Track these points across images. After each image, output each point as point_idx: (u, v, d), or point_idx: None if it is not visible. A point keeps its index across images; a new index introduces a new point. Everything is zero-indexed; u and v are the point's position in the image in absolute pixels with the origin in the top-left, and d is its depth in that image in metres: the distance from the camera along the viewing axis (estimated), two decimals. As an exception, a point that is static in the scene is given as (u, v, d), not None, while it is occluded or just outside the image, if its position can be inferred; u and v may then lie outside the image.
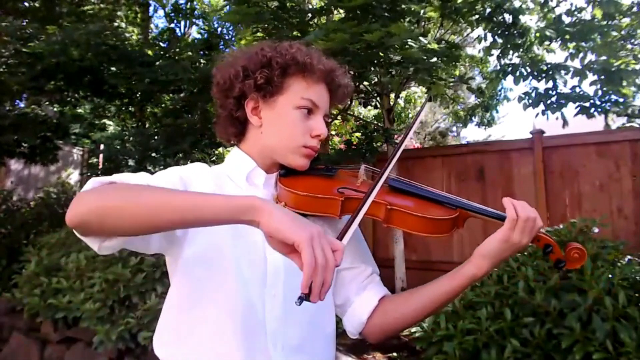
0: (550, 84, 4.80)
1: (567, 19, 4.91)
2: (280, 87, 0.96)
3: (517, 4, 4.63)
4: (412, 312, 0.99)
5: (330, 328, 1.00)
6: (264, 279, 0.91)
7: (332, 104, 1.04)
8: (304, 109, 0.97)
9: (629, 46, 4.93)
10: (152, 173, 0.93)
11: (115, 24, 7.22)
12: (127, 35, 7.11)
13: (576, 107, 4.70)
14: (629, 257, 2.25)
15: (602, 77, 4.58)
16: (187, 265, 0.91)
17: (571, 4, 5.00)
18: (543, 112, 4.84)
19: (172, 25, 7.80)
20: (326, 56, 1.02)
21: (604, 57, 4.67)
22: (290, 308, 0.91)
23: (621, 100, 4.63)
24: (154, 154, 5.80)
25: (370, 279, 1.06)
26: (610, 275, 2.00)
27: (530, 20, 4.77)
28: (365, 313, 1.02)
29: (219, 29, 7.47)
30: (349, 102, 5.95)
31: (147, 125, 7.09)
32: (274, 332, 0.89)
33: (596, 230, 2.44)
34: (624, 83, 4.55)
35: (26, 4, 6.67)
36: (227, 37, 7.04)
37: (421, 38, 4.05)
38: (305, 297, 0.69)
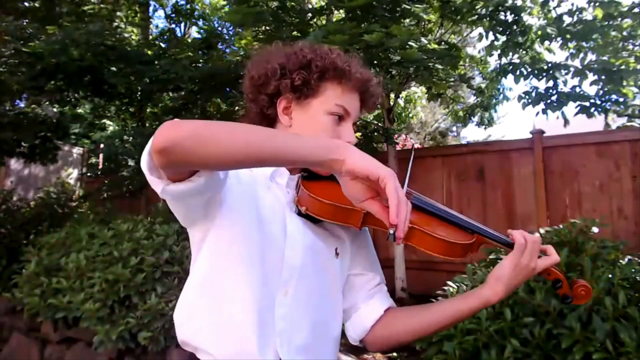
0: (550, 83, 4.80)
1: (568, 19, 4.91)
2: (316, 90, 0.97)
3: (518, 2, 4.63)
4: (415, 327, 1.00)
5: (337, 331, 1.01)
6: (279, 275, 0.91)
7: (361, 111, 1.05)
8: (336, 115, 0.97)
9: (630, 47, 4.93)
10: None
11: (115, 24, 7.21)
12: (126, 35, 7.10)
13: (576, 107, 4.70)
14: (629, 257, 2.25)
15: (603, 77, 4.58)
16: (214, 248, 0.91)
17: (572, 4, 5.00)
18: (543, 111, 4.84)
19: (173, 26, 7.81)
20: (363, 65, 1.03)
21: (604, 57, 4.67)
22: (298, 309, 0.92)
23: (621, 100, 4.63)
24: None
25: (378, 288, 1.07)
26: (610, 275, 2.00)
27: (532, 18, 4.77)
28: (370, 320, 1.03)
29: (219, 29, 7.48)
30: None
31: (147, 124, 7.09)
32: (281, 331, 0.89)
33: (596, 230, 2.44)
34: (625, 83, 4.55)
35: (26, 4, 6.67)
36: (226, 38, 7.05)
37: (421, 38, 4.05)
38: (393, 233, 0.72)
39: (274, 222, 0.94)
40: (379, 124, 5.73)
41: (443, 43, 4.85)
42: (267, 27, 4.91)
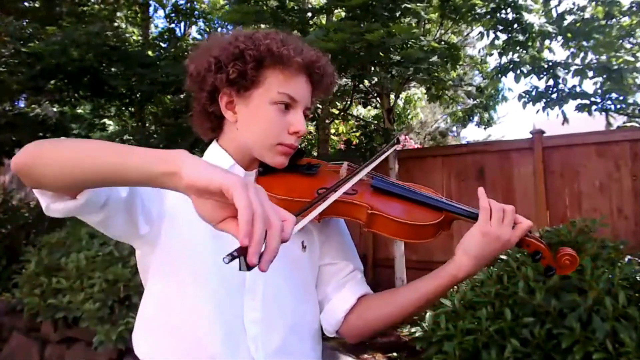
0: (551, 82, 4.80)
1: (569, 18, 4.91)
2: (256, 80, 0.90)
3: (519, 0, 4.63)
4: (390, 313, 0.96)
5: (315, 326, 0.98)
6: (242, 281, 0.88)
7: (315, 95, 0.98)
8: (281, 104, 0.91)
9: (628, 45, 4.94)
10: None
11: (116, 24, 7.21)
12: (127, 35, 7.10)
13: (576, 106, 4.71)
14: (629, 257, 2.25)
15: (604, 75, 4.58)
16: (164, 267, 0.87)
17: (573, 3, 5.00)
18: (543, 109, 4.84)
19: (172, 25, 7.80)
20: (307, 45, 0.95)
21: (604, 56, 4.68)
22: (270, 310, 0.88)
23: (622, 98, 4.64)
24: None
25: (351, 276, 1.02)
26: (610, 275, 2.00)
27: (533, 17, 4.77)
28: (341, 311, 0.98)
29: (219, 29, 7.48)
30: (348, 102, 5.95)
31: (147, 124, 7.09)
32: (254, 336, 0.86)
33: (596, 230, 2.44)
34: (624, 82, 4.55)
35: (26, 4, 6.67)
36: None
37: (421, 38, 4.05)
38: (238, 254, 0.53)
39: None
40: (379, 125, 5.73)
41: (443, 43, 4.85)
42: (267, 27, 4.91)
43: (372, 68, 4.54)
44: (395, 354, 3.61)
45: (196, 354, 0.84)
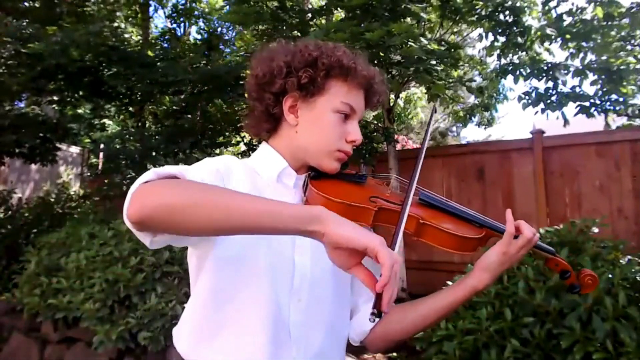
0: (550, 84, 4.80)
1: (568, 19, 4.92)
2: (322, 88, 0.95)
3: (518, 3, 4.63)
4: (412, 323, 1.01)
5: (345, 332, 1.02)
6: (291, 283, 0.91)
7: (365, 109, 1.04)
8: (342, 113, 0.96)
9: (629, 47, 4.94)
10: None
11: (115, 25, 7.21)
12: (127, 35, 7.10)
13: (576, 107, 4.71)
14: (629, 257, 2.25)
15: (603, 76, 4.58)
16: (218, 263, 0.89)
17: (572, 4, 5.01)
18: (543, 111, 4.84)
19: (173, 26, 7.81)
20: (368, 63, 1.02)
21: (604, 57, 4.68)
22: (313, 314, 0.92)
23: (621, 99, 4.64)
24: (154, 154, 5.80)
25: None
26: (610, 275, 2.00)
27: (532, 19, 4.77)
28: (369, 323, 1.01)
29: (219, 29, 7.49)
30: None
31: (147, 125, 7.10)
32: (297, 337, 0.89)
33: (596, 230, 2.44)
34: (624, 83, 4.55)
35: (26, 4, 6.67)
36: (226, 38, 7.05)
37: (421, 38, 4.05)
38: (377, 313, 0.68)
39: None
40: (379, 124, 5.73)
41: (443, 43, 4.84)
42: (267, 27, 4.91)
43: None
44: (395, 354, 3.60)
45: (237, 354, 0.86)
